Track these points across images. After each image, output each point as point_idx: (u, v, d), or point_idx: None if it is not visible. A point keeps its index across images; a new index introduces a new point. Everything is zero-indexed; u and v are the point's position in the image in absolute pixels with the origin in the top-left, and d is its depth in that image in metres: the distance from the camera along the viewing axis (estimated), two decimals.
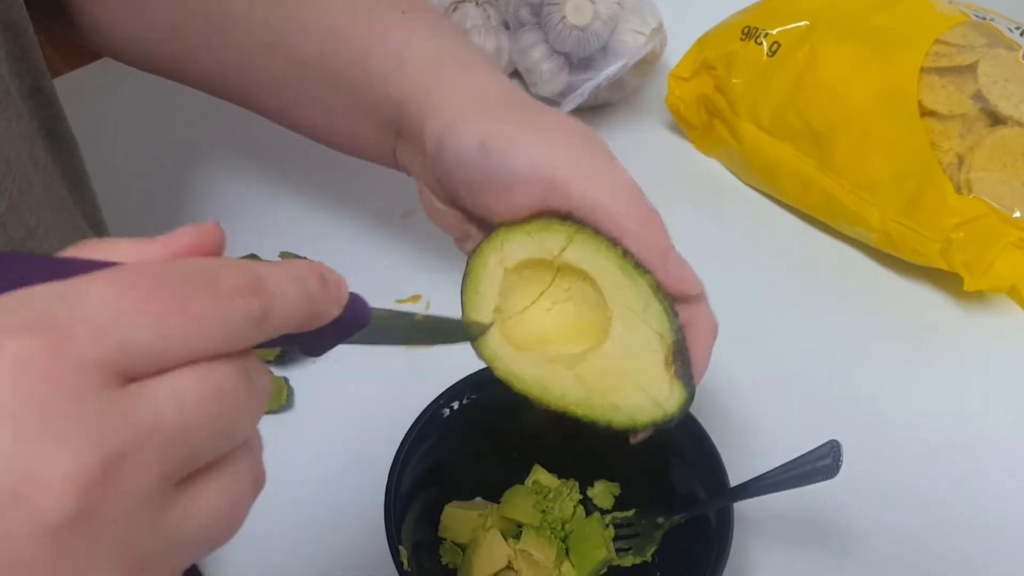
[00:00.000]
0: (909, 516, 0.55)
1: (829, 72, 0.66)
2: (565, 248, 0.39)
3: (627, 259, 0.38)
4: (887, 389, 0.61)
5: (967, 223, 0.61)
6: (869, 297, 0.66)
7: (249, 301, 0.23)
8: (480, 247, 0.41)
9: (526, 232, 0.39)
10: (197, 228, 0.25)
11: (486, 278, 0.40)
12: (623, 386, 0.38)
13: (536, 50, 0.74)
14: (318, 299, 0.26)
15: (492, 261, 0.40)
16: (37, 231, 0.38)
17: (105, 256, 0.23)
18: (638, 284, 0.38)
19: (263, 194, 0.72)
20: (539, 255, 0.39)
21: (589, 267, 0.39)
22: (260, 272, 0.24)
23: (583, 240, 0.38)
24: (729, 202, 0.72)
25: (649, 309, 0.38)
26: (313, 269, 0.26)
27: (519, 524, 0.52)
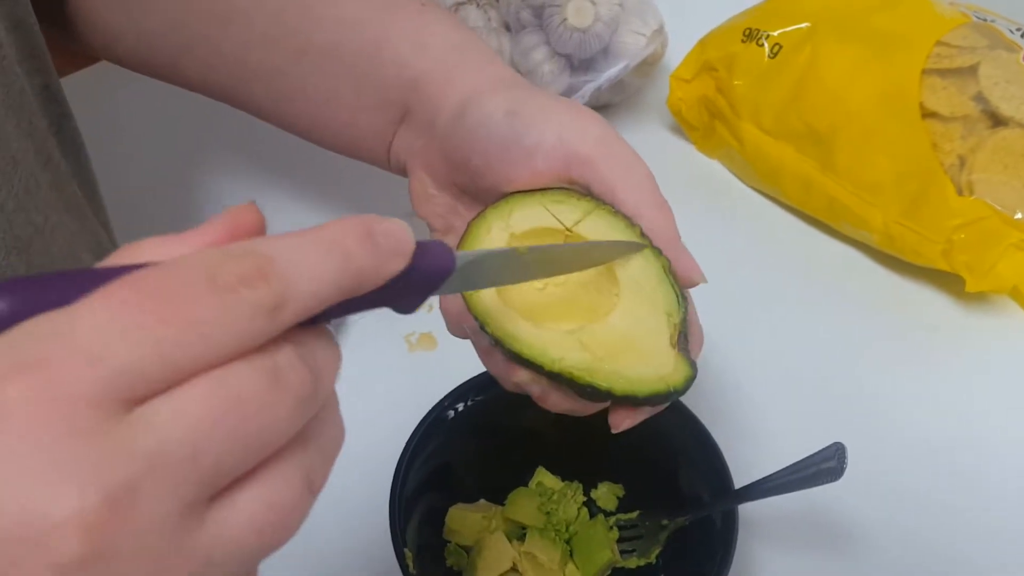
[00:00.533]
0: (912, 516, 0.56)
1: (830, 74, 0.66)
2: (580, 221, 0.38)
3: (644, 238, 0.38)
4: (889, 390, 0.61)
5: (969, 224, 0.61)
6: (871, 298, 0.66)
7: (256, 290, 0.21)
8: (484, 212, 0.40)
9: (539, 201, 0.39)
10: (231, 214, 0.23)
11: (487, 241, 0.39)
12: (628, 355, 0.38)
13: (537, 52, 0.74)
14: (363, 259, 0.24)
15: (496, 226, 0.39)
16: (44, 230, 0.38)
17: (132, 260, 0.22)
18: (651, 263, 0.38)
19: (265, 197, 0.72)
20: (550, 225, 0.39)
21: None
22: (270, 252, 0.22)
23: (601, 216, 0.38)
24: (731, 204, 0.72)
25: (660, 289, 0.38)
26: (352, 226, 0.24)
27: (523, 526, 0.52)
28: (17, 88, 0.38)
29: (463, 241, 0.40)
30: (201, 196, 0.72)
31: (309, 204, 0.71)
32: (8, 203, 0.35)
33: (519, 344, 0.37)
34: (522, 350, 0.37)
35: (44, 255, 0.37)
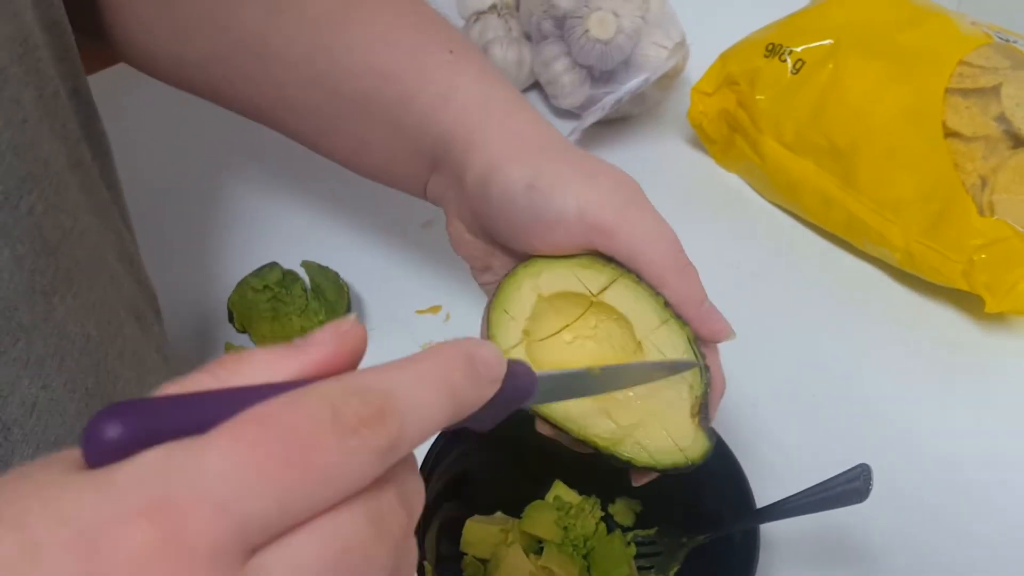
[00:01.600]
0: (934, 536, 0.55)
1: (853, 91, 0.66)
2: (606, 288, 0.40)
3: (667, 309, 0.39)
4: (908, 409, 0.61)
5: (989, 245, 0.61)
6: (890, 316, 0.66)
7: (376, 433, 0.21)
8: (516, 270, 0.41)
9: (567, 266, 0.40)
10: (336, 333, 0.24)
11: (518, 301, 0.41)
12: (649, 427, 0.40)
13: (558, 63, 0.74)
14: (466, 390, 0.24)
15: (527, 285, 0.41)
16: (73, 232, 0.38)
17: (237, 373, 0.23)
18: (676, 334, 0.39)
19: (284, 202, 0.72)
20: (577, 290, 0.40)
21: (627, 311, 0.40)
22: (387, 388, 0.22)
23: (626, 284, 0.40)
24: (750, 218, 0.72)
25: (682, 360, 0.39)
26: (457, 357, 0.24)
27: (540, 540, 0.52)
28: (51, 91, 0.38)
29: (496, 298, 0.41)
30: (219, 197, 0.72)
31: (327, 206, 0.71)
32: (38, 206, 0.35)
33: (548, 408, 0.39)
34: (550, 414, 0.39)
35: (71, 258, 0.37)
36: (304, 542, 0.21)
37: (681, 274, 0.40)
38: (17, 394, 0.34)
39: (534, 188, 0.40)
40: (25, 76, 0.36)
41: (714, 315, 0.41)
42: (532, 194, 0.40)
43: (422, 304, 0.66)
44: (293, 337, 0.60)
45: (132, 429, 0.21)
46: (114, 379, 0.40)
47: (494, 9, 0.82)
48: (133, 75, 0.55)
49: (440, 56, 0.45)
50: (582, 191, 0.40)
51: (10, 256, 0.34)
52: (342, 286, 0.62)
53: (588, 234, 0.40)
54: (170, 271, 0.54)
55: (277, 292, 0.63)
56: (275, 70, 0.46)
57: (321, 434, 0.21)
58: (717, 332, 0.40)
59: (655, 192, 0.73)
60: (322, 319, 0.62)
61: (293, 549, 0.21)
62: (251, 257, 0.65)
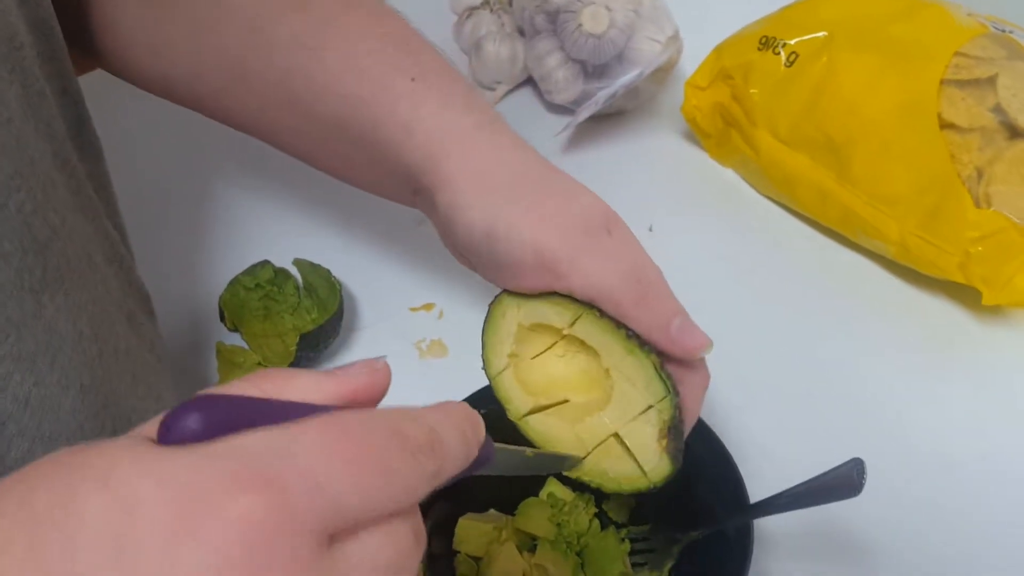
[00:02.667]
0: (929, 530, 0.55)
1: (847, 83, 0.65)
2: (573, 324, 0.42)
3: (631, 340, 0.41)
4: (904, 402, 0.61)
5: (986, 237, 0.61)
6: (886, 310, 0.66)
7: (430, 458, 0.24)
8: (501, 297, 0.43)
9: (539, 303, 0.42)
10: (369, 367, 0.27)
11: (504, 327, 0.43)
12: (615, 453, 0.42)
13: (551, 57, 0.74)
14: (472, 444, 0.27)
15: (510, 314, 0.43)
16: (61, 231, 0.38)
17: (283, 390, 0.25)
18: (642, 363, 0.41)
19: (276, 200, 0.72)
20: (552, 323, 0.42)
21: (595, 344, 0.42)
22: (433, 426, 0.25)
23: (589, 321, 0.41)
24: (744, 212, 0.72)
25: (650, 387, 0.41)
26: (467, 414, 0.28)
27: (534, 537, 0.52)
28: (37, 90, 0.38)
29: (487, 322, 0.43)
30: (211, 196, 0.72)
31: (319, 204, 0.71)
32: (26, 204, 0.35)
33: (531, 432, 0.43)
34: (533, 438, 0.43)
35: (61, 256, 0.38)
36: (377, 540, 0.23)
37: (640, 305, 0.40)
38: (10, 389, 0.34)
39: (492, 237, 0.41)
40: (9, 75, 0.36)
41: (686, 334, 0.41)
42: (491, 244, 0.41)
43: (415, 302, 0.65)
44: (285, 336, 0.61)
45: (210, 421, 0.23)
46: (109, 377, 0.40)
47: (487, 5, 0.82)
48: None
49: (402, 85, 0.45)
50: (536, 235, 0.41)
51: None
52: (334, 284, 0.62)
53: (548, 279, 0.41)
54: (162, 270, 0.54)
55: (269, 290, 0.63)
56: (255, 91, 0.47)
57: (395, 448, 0.24)
58: (692, 351, 0.41)
59: (650, 186, 0.74)
60: (314, 317, 0.62)
61: (368, 545, 0.23)
62: (243, 255, 0.65)
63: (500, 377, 0.43)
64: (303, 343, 0.58)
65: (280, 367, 0.60)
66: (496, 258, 0.42)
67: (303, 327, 0.61)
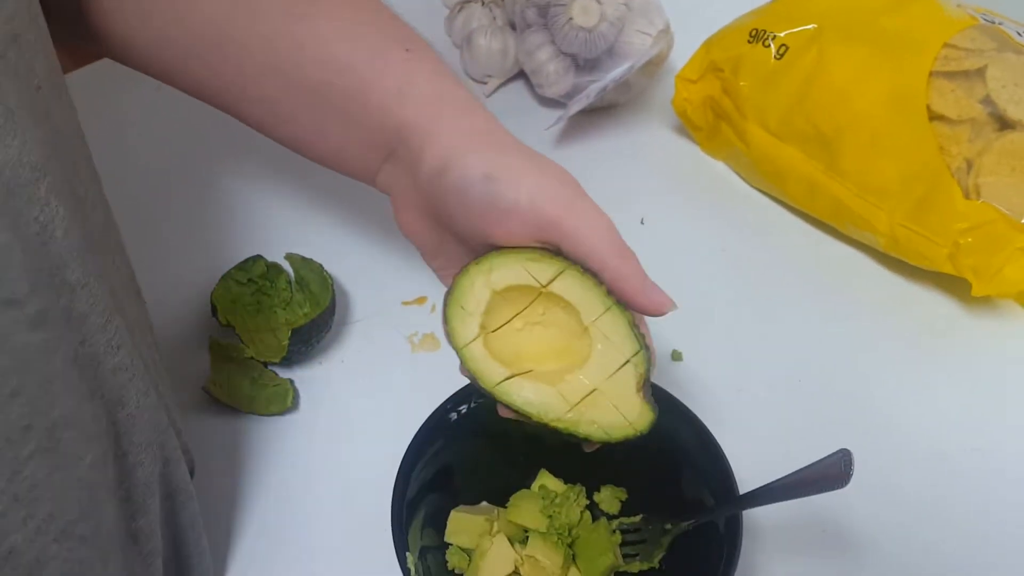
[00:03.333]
0: (918, 522, 0.55)
1: (837, 75, 0.66)
2: (553, 279, 0.43)
3: (610, 296, 0.43)
4: (893, 393, 0.61)
5: (975, 228, 0.61)
6: (876, 301, 0.66)
7: None
8: (467, 268, 0.44)
9: (517, 260, 0.43)
10: None
11: (472, 297, 0.44)
12: (600, 404, 0.43)
13: (542, 51, 0.74)
14: None
15: (479, 282, 0.43)
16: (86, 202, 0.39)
17: None
18: (617, 318, 0.43)
19: (269, 195, 0.72)
20: (527, 283, 0.43)
21: (574, 299, 0.43)
22: None
23: (572, 275, 0.43)
24: (735, 205, 0.72)
25: (626, 341, 0.43)
26: None
27: (525, 529, 0.52)
28: (52, 64, 0.38)
29: (451, 295, 0.44)
30: (202, 191, 0.72)
31: (310, 199, 0.71)
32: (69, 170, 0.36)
33: (509, 398, 0.43)
34: (511, 402, 0.43)
35: (93, 223, 0.39)
36: None
37: (621, 257, 0.43)
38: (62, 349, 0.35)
39: (491, 178, 0.42)
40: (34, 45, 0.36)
41: (655, 290, 0.43)
42: (489, 184, 0.42)
43: (408, 295, 0.66)
44: (278, 330, 0.61)
45: None
46: (138, 344, 0.42)
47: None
48: (118, 70, 0.55)
49: (397, 53, 0.46)
50: (534, 184, 0.42)
51: (64, 213, 0.34)
52: (326, 278, 0.62)
53: (538, 223, 0.42)
54: (153, 266, 0.54)
55: (261, 285, 0.63)
56: (234, 59, 0.47)
57: None
58: (660, 305, 0.43)
59: (641, 179, 0.74)
60: (307, 312, 0.62)
61: None
62: (235, 250, 0.65)
63: (469, 348, 0.44)
64: (295, 337, 0.59)
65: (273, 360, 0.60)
66: (492, 201, 0.42)
67: (295, 321, 0.61)
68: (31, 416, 0.34)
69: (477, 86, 0.80)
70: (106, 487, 0.39)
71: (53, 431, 0.36)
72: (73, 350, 0.36)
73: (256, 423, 0.59)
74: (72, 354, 0.36)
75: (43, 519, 0.35)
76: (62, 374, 0.36)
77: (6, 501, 0.34)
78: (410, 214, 0.48)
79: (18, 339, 0.33)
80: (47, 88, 0.36)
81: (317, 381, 0.61)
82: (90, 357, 0.37)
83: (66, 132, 0.38)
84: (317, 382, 0.61)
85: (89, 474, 0.37)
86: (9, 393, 0.33)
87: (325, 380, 0.61)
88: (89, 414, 0.37)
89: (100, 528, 0.38)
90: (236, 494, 0.56)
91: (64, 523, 0.36)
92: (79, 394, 0.37)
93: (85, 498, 0.37)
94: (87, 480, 0.37)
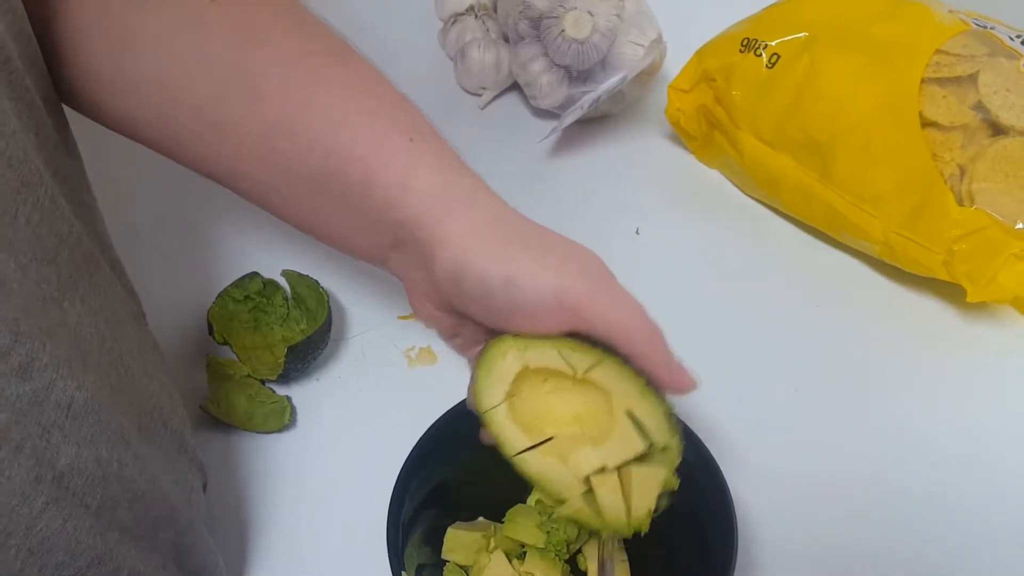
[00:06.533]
0: (915, 525, 0.55)
1: (829, 84, 0.66)
2: (591, 368, 0.43)
3: (649, 388, 0.42)
4: (891, 400, 0.61)
5: (969, 235, 0.61)
6: (871, 309, 0.66)
7: None
8: (504, 337, 0.44)
9: (554, 346, 0.43)
10: None
11: (503, 367, 0.43)
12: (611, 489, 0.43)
13: (536, 63, 0.74)
14: None
15: (512, 355, 0.43)
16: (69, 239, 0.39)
17: None
18: (655, 408, 0.42)
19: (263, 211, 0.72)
20: (563, 369, 0.43)
21: (611, 388, 0.43)
22: None
23: (611, 365, 0.42)
24: (730, 213, 0.72)
25: (661, 429, 0.42)
26: None
27: (523, 545, 0.52)
28: (28, 100, 0.38)
29: (482, 358, 0.44)
30: (197, 208, 0.72)
31: None
32: (34, 215, 0.36)
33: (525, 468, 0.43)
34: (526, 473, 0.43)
35: (71, 263, 0.38)
36: None
37: (651, 340, 0.43)
38: (53, 397, 0.35)
39: (512, 283, 0.42)
40: (8, 89, 0.36)
41: (681, 372, 0.44)
42: (510, 288, 0.42)
43: (404, 310, 0.66)
44: (275, 347, 0.61)
45: None
46: (131, 375, 0.42)
47: (472, 11, 0.82)
48: None
49: (400, 142, 0.45)
50: (557, 279, 0.42)
51: (15, 267, 0.34)
52: (323, 294, 0.62)
53: (566, 317, 0.42)
54: (149, 284, 0.54)
55: (258, 302, 0.63)
56: (232, 141, 0.46)
57: None
58: (683, 386, 0.44)
59: (636, 189, 0.74)
60: (303, 328, 0.63)
61: None
62: (231, 267, 0.66)
63: (493, 412, 0.43)
64: (292, 354, 0.59)
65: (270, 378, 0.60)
66: (516, 303, 0.42)
67: (292, 338, 0.61)
68: (38, 468, 0.34)
69: (471, 98, 0.81)
70: (119, 528, 0.39)
71: (61, 480, 0.36)
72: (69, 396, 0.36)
73: (254, 440, 0.59)
74: (68, 400, 0.36)
75: (55, 567, 0.36)
76: (57, 422, 0.36)
77: (23, 556, 0.34)
78: (425, 302, 0.47)
79: (10, 391, 0.33)
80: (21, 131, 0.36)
81: (314, 397, 0.61)
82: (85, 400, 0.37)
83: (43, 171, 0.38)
84: (314, 398, 0.61)
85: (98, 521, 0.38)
86: (14, 448, 0.33)
87: (322, 396, 0.62)
88: (92, 459, 0.37)
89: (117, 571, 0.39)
90: (234, 512, 0.56)
91: (75, 569, 0.36)
92: (79, 440, 0.37)
93: (99, 543, 0.37)
94: (98, 526, 0.38)
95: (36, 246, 0.36)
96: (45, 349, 0.35)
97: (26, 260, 0.35)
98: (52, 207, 0.37)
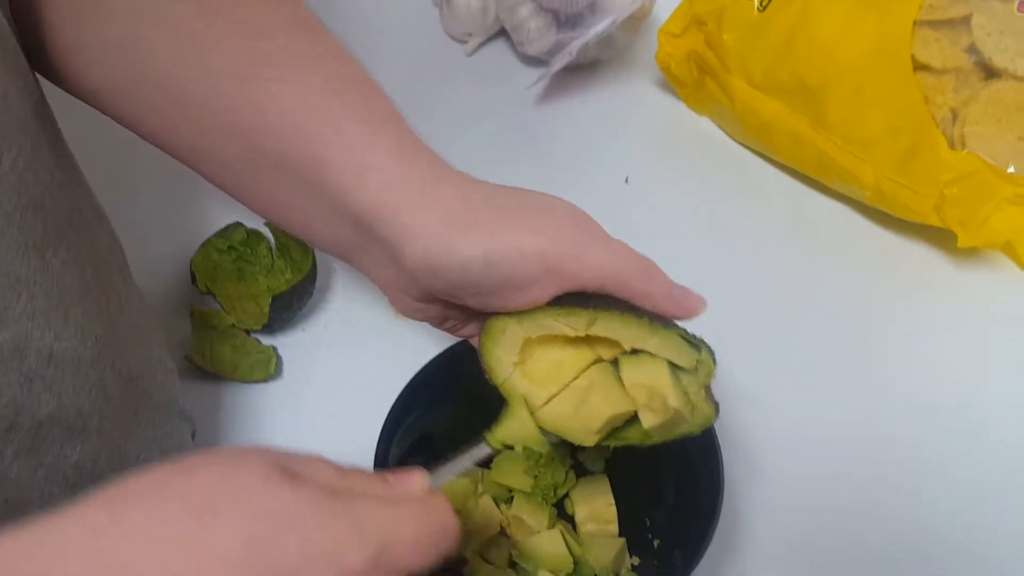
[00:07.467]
0: (904, 473, 0.56)
1: (821, 27, 0.65)
2: (591, 325, 0.42)
3: (654, 323, 0.41)
4: (882, 346, 0.61)
5: (961, 179, 0.60)
6: (862, 255, 0.65)
7: None
8: (498, 316, 0.43)
9: (549, 315, 0.42)
10: None
11: (506, 341, 0.43)
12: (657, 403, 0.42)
13: (523, 7, 0.73)
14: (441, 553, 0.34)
15: (511, 330, 0.43)
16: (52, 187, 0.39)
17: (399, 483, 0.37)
18: (669, 338, 0.41)
19: None
20: (564, 332, 0.42)
21: (618, 336, 0.42)
22: None
23: (606, 318, 0.41)
24: (721, 161, 0.71)
25: (683, 354, 0.41)
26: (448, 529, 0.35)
27: (510, 490, 0.52)
28: (11, 46, 0.37)
29: (483, 336, 0.43)
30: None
31: None
32: (19, 161, 0.36)
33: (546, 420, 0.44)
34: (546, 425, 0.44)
35: (56, 211, 0.38)
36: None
37: (645, 275, 0.42)
38: (32, 347, 0.35)
39: (490, 262, 0.40)
40: None
41: (685, 295, 0.42)
42: (491, 268, 0.40)
43: None
44: (259, 297, 0.60)
45: None
46: (115, 327, 0.41)
47: None
48: None
49: (355, 127, 0.43)
50: (537, 245, 0.40)
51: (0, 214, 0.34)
52: (307, 245, 0.61)
53: (555, 280, 0.41)
54: (132, 234, 0.53)
55: (242, 252, 0.63)
56: (192, 116, 0.44)
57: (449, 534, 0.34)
58: (691, 310, 0.42)
59: (625, 137, 0.73)
60: (288, 278, 0.62)
61: None
62: (214, 217, 0.65)
63: (509, 380, 0.44)
64: (277, 304, 0.58)
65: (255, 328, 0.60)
66: (501, 280, 0.41)
67: (277, 288, 0.61)
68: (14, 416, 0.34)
69: (457, 45, 0.79)
70: None
71: (40, 429, 0.35)
72: (48, 345, 0.36)
73: (240, 390, 0.59)
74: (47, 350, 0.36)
75: None
76: (39, 372, 0.35)
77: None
78: (406, 300, 0.46)
79: None
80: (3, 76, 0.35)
81: (300, 347, 0.61)
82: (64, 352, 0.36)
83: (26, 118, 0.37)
84: (300, 348, 0.61)
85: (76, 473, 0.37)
86: None
87: (308, 346, 0.61)
88: (73, 411, 0.37)
89: None
90: None
91: None
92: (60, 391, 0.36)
93: None
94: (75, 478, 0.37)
95: (21, 192, 0.35)
96: (20, 299, 0.35)
97: (10, 206, 0.35)
98: (35, 155, 0.37)
